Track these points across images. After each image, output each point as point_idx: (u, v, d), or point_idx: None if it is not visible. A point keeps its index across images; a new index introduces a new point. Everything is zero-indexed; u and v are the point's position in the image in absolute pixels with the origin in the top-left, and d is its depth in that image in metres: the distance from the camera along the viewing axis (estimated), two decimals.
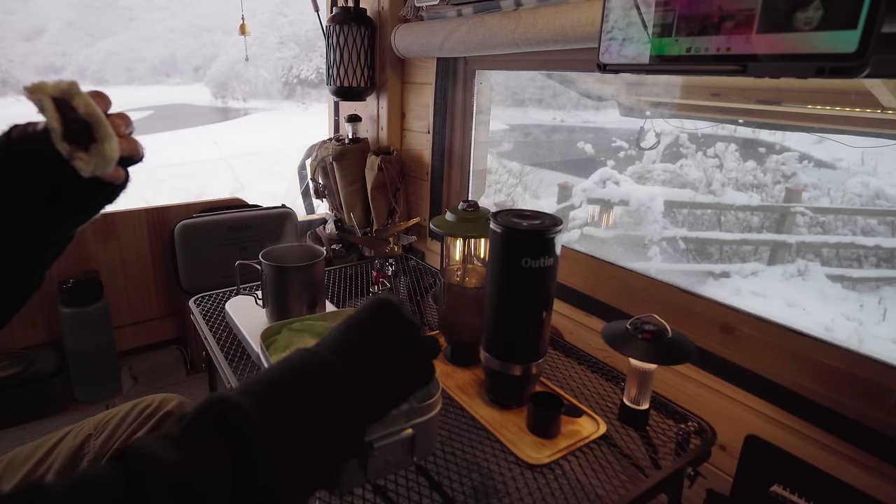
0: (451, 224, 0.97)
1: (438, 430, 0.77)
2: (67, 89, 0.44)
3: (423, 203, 1.71)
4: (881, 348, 1.83)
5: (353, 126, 1.76)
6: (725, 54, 0.65)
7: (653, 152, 6.99)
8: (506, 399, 0.88)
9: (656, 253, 5.75)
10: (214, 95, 34.05)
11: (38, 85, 0.44)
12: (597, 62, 0.82)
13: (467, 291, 0.98)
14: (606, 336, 0.83)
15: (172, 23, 49.30)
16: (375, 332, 0.46)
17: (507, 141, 9.96)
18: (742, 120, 2.99)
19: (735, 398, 0.93)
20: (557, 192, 6.50)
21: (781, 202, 6.10)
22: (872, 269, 5.33)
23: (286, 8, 30.87)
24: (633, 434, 0.83)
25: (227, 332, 1.11)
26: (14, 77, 37.57)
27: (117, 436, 0.85)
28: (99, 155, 0.45)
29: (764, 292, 5.07)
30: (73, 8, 52.27)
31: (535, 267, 0.77)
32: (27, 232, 0.49)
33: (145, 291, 1.75)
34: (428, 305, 1.32)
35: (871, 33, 0.53)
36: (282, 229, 1.80)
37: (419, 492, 0.70)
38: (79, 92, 0.45)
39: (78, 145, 0.44)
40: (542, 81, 10.36)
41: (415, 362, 0.47)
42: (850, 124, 1.93)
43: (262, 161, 12.59)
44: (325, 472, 0.39)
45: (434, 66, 1.53)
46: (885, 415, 0.75)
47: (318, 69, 27.76)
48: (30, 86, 0.44)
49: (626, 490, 0.71)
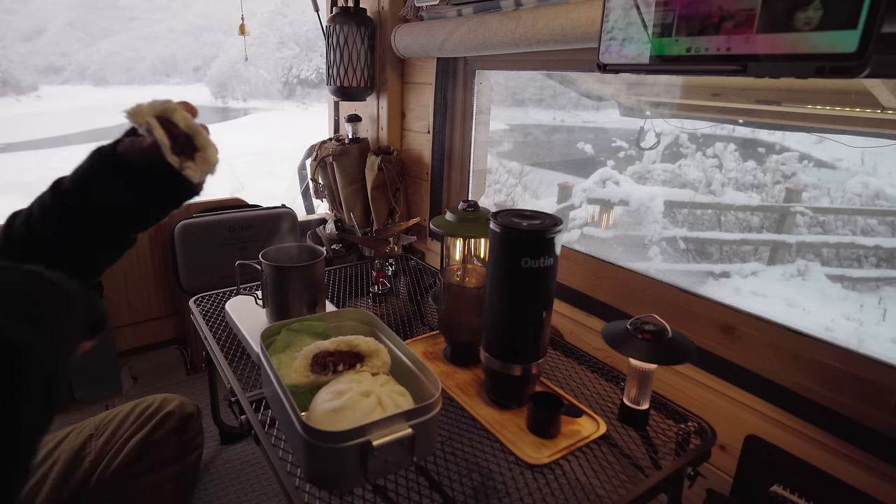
0: (451, 224, 0.97)
1: (438, 430, 0.77)
2: (166, 108, 0.49)
3: (423, 203, 1.71)
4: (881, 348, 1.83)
5: (353, 126, 1.76)
6: (725, 54, 0.65)
7: (653, 152, 6.99)
8: (506, 399, 0.88)
9: (656, 253, 5.75)
10: (214, 95, 34.03)
11: (137, 108, 0.48)
12: (597, 62, 0.82)
13: (467, 291, 0.98)
14: (606, 336, 0.83)
15: (172, 23, 49.28)
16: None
17: (507, 141, 9.96)
18: (742, 120, 2.98)
19: (735, 398, 0.93)
20: (557, 192, 6.50)
21: (781, 202, 6.10)
22: (872, 269, 5.33)
23: (286, 8, 30.86)
24: (633, 434, 0.83)
25: (227, 332, 1.11)
26: (14, 77, 37.54)
27: (118, 436, 0.85)
28: (204, 161, 0.50)
29: (764, 292, 5.07)
30: (73, 8, 52.26)
31: (535, 267, 0.77)
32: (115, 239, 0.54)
33: (145, 291, 1.75)
34: (428, 305, 1.32)
35: (871, 33, 0.53)
36: (282, 229, 1.80)
37: (419, 492, 0.70)
38: (176, 108, 0.49)
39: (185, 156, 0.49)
40: (542, 81, 10.36)
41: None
42: (850, 124, 1.93)
43: (262, 161, 12.60)
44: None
45: (434, 66, 1.53)
46: (885, 415, 0.75)
47: (318, 69, 27.75)
48: (130, 109, 0.49)
49: (626, 490, 0.71)
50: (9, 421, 0.35)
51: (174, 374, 1.83)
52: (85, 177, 0.51)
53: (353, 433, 0.61)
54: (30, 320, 0.38)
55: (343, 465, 0.62)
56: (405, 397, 0.73)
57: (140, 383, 1.78)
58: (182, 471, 0.91)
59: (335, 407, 0.67)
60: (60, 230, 0.50)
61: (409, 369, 0.79)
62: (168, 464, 0.88)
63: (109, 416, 0.89)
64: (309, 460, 0.64)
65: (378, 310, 1.33)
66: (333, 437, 0.61)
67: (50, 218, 0.50)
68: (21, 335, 0.37)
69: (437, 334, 1.12)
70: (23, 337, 0.37)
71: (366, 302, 1.40)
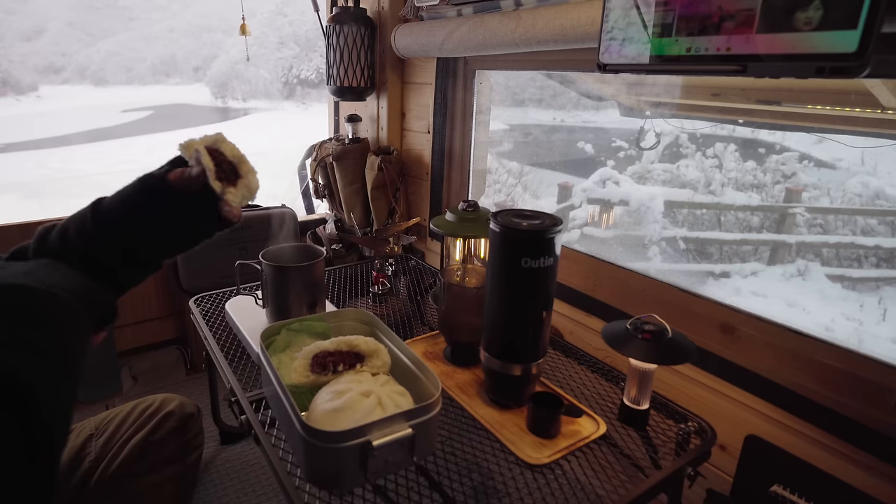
0: (451, 224, 0.97)
1: (438, 430, 0.77)
2: (215, 139, 0.55)
3: (423, 203, 1.71)
4: (881, 348, 1.83)
5: (353, 126, 1.76)
6: (725, 54, 0.65)
7: (653, 152, 6.98)
8: (506, 399, 0.88)
9: (656, 253, 5.75)
10: (214, 95, 34.04)
11: (189, 142, 0.54)
12: (597, 62, 0.82)
13: (467, 291, 0.98)
14: (606, 336, 0.83)
15: (172, 23, 49.29)
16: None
17: (507, 141, 9.96)
18: (742, 120, 2.98)
19: (735, 398, 0.93)
20: (557, 192, 6.50)
21: (781, 202, 6.10)
22: (872, 269, 5.32)
23: (286, 8, 30.87)
24: (633, 434, 0.83)
25: (227, 332, 1.11)
26: (14, 77, 37.54)
27: (119, 436, 0.85)
28: (245, 187, 0.55)
29: (764, 292, 5.07)
30: (73, 8, 52.26)
31: (535, 267, 0.77)
32: (149, 262, 0.56)
33: (145, 291, 1.75)
34: (428, 305, 1.32)
35: (871, 33, 0.53)
36: (282, 229, 1.80)
37: (419, 492, 0.70)
38: (224, 140, 0.55)
39: (228, 182, 0.53)
40: (542, 81, 10.36)
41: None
42: (850, 124, 1.93)
43: (262, 161, 12.53)
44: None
45: (434, 66, 1.53)
46: (885, 415, 0.75)
47: (318, 69, 27.76)
48: (183, 143, 0.54)
49: (626, 490, 0.71)
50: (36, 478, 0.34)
51: (174, 374, 1.83)
52: (130, 199, 0.53)
53: (353, 433, 0.61)
54: (34, 348, 0.38)
55: (343, 465, 0.62)
56: (405, 397, 0.73)
57: (140, 383, 1.78)
58: (182, 471, 0.91)
59: (335, 407, 0.67)
60: (95, 247, 0.52)
61: (409, 369, 0.79)
62: (168, 464, 0.88)
63: (109, 416, 0.89)
64: (309, 460, 0.64)
65: (378, 310, 1.33)
66: (333, 437, 0.61)
67: (88, 234, 0.52)
68: (28, 373, 0.36)
69: (437, 334, 1.12)
70: (31, 376, 0.36)
71: (366, 302, 1.40)
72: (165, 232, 0.55)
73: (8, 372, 0.35)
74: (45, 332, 0.40)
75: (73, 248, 0.51)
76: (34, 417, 0.35)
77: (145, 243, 0.54)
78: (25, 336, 0.38)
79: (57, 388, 0.38)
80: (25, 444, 0.34)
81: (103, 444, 0.84)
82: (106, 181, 11.02)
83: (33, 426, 0.34)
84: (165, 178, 0.53)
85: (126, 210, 0.53)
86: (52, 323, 0.41)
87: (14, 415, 0.33)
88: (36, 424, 0.35)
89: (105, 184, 1.41)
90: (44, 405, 0.35)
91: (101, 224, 0.52)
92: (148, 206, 0.53)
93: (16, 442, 0.33)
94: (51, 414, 0.36)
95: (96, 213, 0.52)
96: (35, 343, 0.38)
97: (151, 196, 0.53)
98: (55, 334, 0.41)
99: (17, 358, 0.36)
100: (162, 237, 0.55)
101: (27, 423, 0.34)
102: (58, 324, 0.42)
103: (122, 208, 0.53)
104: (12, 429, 0.33)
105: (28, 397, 0.35)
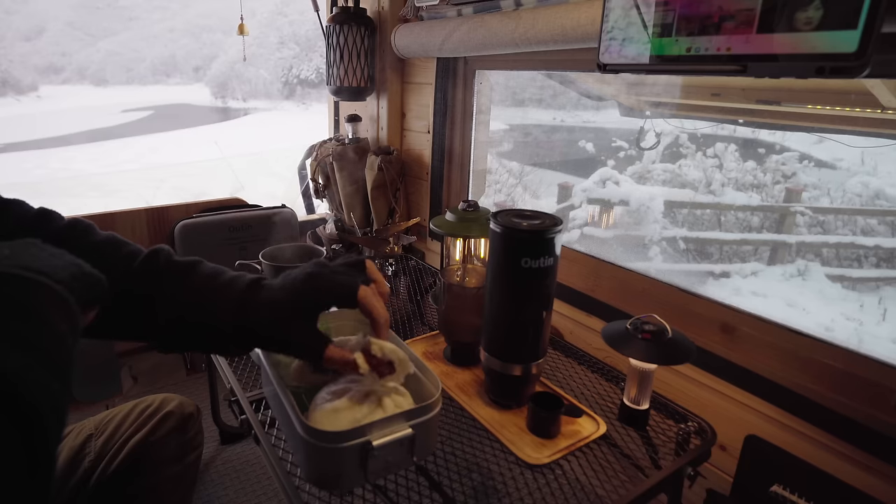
0: (451, 224, 0.97)
1: (438, 430, 0.77)
2: (364, 344, 0.62)
3: (423, 203, 1.71)
4: (881, 348, 1.83)
5: (353, 126, 1.76)
6: (725, 54, 0.65)
7: (653, 152, 6.99)
8: (506, 399, 0.88)
9: (656, 253, 5.76)
10: (214, 95, 34.03)
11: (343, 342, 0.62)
12: (597, 62, 0.82)
13: (467, 291, 0.98)
14: (606, 336, 0.83)
15: (172, 23, 49.29)
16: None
17: (507, 141, 9.96)
18: (742, 120, 2.99)
19: (735, 398, 0.93)
20: (557, 192, 6.50)
21: (781, 202, 6.10)
22: (872, 269, 5.33)
23: (286, 8, 30.89)
24: (633, 434, 0.83)
25: None
26: (14, 77, 37.54)
27: (118, 436, 0.85)
28: (402, 371, 0.64)
29: (764, 292, 5.08)
30: (73, 8, 52.27)
31: (535, 267, 0.77)
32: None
33: None
34: (428, 305, 1.32)
35: (871, 33, 0.53)
36: (282, 229, 1.80)
37: (419, 492, 0.70)
38: (372, 342, 0.62)
39: (383, 372, 0.63)
40: (542, 81, 10.36)
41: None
42: (850, 124, 1.93)
43: (262, 161, 12.60)
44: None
45: (434, 66, 1.53)
46: (885, 415, 0.75)
47: (318, 69, 27.75)
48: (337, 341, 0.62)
49: (626, 490, 0.71)
50: (35, 488, 0.33)
51: (174, 374, 1.83)
52: (283, 319, 0.57)
53: (353, 433, 0.61)
54: (23, 343, 0.35)
55: (343, 465, 0.62)
56: (405, 397, 0.73)
57: (140, 383, 1.78)
58: (182, 471, 0.91)
59: (335, 407, 0.67)
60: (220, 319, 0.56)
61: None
62: (168, 464, 0.88)
63: (109, 416, 0.89)
64: (309, 460, 0.64)
65: None
66: (333, 437, 0.61)
67: (235, 310, 0.57)
68: (13, 365, 0.34)
69: (437, 334, 1.12)
70: (17, 369, 0.34)
71: None
72: (281, 350, 0.61)
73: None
74: (32, 323, 0.37)
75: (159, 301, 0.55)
76: (22, 409, 0.33)
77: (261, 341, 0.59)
78: (14, 328, 0.35)
79: (46, 378, 0.35)
80: (21, 439, 0.32)
81: (103, 443, 0.84)
82: (106, 181, 10.97)
83: (22, 420, 0.33)
84: (325, 348, 0.59)
85: (271, 325, 0.57)
86: (42, 314, 0.38)
87: (3, 413, 0.32)
88: (24, 415, 0.33)
89: (105, 184, 1.38)
90: (31, 396, 0.34)
91: (248, 314, 0.56)
92: (290, 333, 0.57)
93: (9, 439, 0.32)
94: (38, 401, 0.34)
95: (251, 301, 0.57)
96: (24, 336, 0.36)
97: (302, 335, 0.58)
98: (45, 325, 0.38)
99: (7, 354, 0.34)
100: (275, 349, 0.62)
101: (16, 416, 0.33)
102: (47, 314, 0.38)
103: (270, 316, 0.57)
104: (2, 426, 0.32)
105: (10, 391, 0.33)
